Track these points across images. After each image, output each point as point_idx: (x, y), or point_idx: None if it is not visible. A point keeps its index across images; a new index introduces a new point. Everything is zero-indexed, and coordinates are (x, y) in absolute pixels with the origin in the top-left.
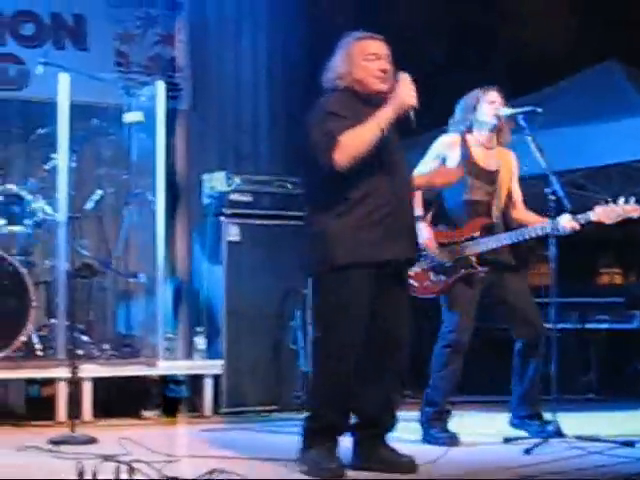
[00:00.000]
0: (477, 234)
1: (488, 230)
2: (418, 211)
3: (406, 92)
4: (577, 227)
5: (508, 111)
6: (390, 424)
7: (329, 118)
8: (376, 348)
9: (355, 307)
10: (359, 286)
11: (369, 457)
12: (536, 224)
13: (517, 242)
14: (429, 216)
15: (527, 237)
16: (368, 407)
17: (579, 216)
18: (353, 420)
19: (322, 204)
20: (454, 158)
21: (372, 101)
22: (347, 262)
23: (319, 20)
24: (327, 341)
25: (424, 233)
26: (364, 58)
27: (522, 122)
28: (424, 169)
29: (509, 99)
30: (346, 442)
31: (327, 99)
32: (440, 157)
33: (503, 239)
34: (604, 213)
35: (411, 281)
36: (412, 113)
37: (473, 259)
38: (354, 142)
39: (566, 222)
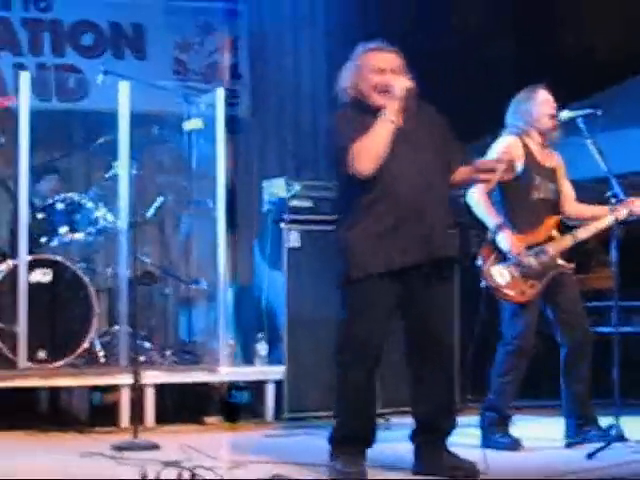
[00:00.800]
0: (554, 233)
1: (562, 227)
2: (494, 220)
3: (399, 81)
4: None
5: (568, 114)
6: (448, 428)
7: (340, 134)
8: (422, 352)
9: (370, 319)
10: (375, 298)
11: (430, 463)
12: (604, 214)
13: (591, 235)
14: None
15: (605, 227)
16: (424, 412)
17: None
18: (412, 426)
19: (340, 216)
20: (518, 159)
21: (379, 113)
22: (360, 275)
23: (376, 25)
24: (342, 352)
25: (509, 241)
26: (368, 71)
27: (581, 125)
28: None
29: (570, 103)
30: (407, 448)
31: (337, 116)
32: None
33: (582, 233)
34: None
35: (507, 291)
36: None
37: (558, 258)
38: (369, 144)
39: (637, 206)
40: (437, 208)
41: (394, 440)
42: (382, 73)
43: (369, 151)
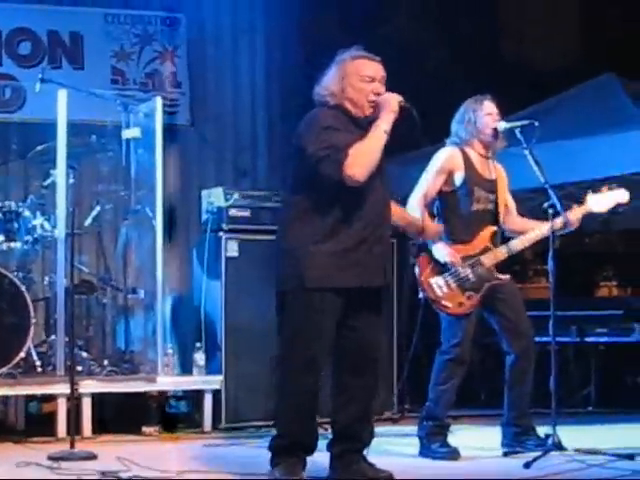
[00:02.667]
0: (490, 244)
1: (497, 237)
2: None
3: (395, 95)
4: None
5: (506, 125)
6: (366, 439)
7: (326, 132)
8: (349, 365)
9: (320, 328)
10: (326, 309)
11: (346, 472)
12: (541, 225)
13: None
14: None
15: (539, 238)
16: (343, 422)
17: (577, 211)
18: (330, 435)
19: (303, 223)
20: (458, 171)
21: (361, 122)
22: (318, 286)
23: (316, 36)
24: (290, 359)
25: (445, 251)
26: (359, 79)
27: (519, 136)
28: (429, 184)
29: (508, 114)
30: (324, 458)
31: (320, 113)
32: (444, 171)
33: (517, 245)
34: (597, 203)
35: (445, 302)
36: (412, 108)
37: (494, 270)
38: (366, 152)
39: (573, 215)
40: (389, 228)
41: None
42: (372, 81)
43: (365, 158)
